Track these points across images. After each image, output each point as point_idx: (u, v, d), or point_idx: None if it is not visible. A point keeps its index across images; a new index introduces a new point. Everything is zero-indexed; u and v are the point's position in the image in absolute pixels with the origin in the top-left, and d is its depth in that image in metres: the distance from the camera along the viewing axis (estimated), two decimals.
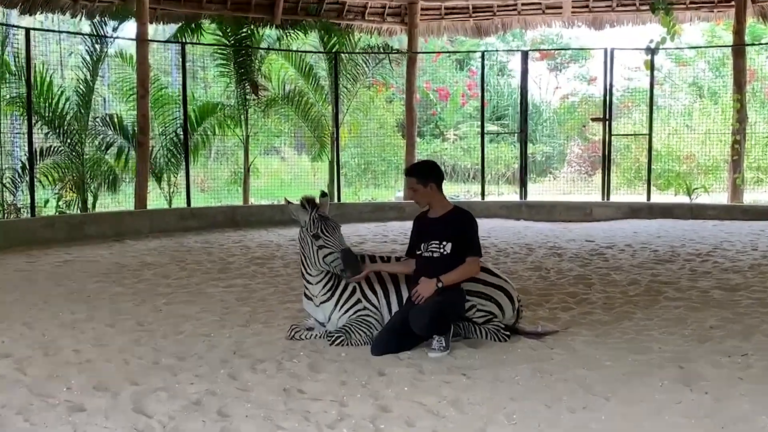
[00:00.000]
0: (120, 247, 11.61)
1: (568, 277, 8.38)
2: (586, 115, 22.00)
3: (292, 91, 17.16)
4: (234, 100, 16.43)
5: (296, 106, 17.08)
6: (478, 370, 4.75)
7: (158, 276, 8.82)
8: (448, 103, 26.14)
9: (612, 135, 16.79)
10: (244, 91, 16.27)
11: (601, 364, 4.83)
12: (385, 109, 22.04)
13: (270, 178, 18.00)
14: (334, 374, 4.69)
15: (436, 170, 5.40)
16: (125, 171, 15.48)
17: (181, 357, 5.15)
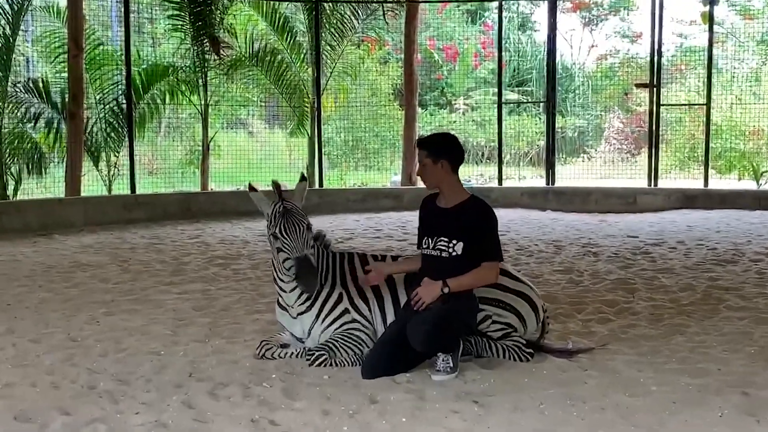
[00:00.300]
0: (47, 244, 11.58)
1: (606, 282, 8.39)
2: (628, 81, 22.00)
3: (262, 49, 17.13)
4: (190, 60, 16.39)
5: (267, 68, 17.05)
6: (494, 397, 4.75)
7: (95, 279, 8.79)
8: (457, 64, 26.11)
9: (661, 105, 16.82)
10: (202, 49, 16.22)
11: (646, 390, 4.83)
12: (379, 72, 22.01)
13: (235, 159, 17.98)
14: (314, 402, 4.69)
15: (453, 146, 5.33)
16: (54, 149, 15.45)
17: (123, 380, 5.14)
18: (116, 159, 15.88)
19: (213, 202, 15.29)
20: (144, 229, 13.34)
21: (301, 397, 4.76)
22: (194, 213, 14.85)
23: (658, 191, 16.21)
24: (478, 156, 23.51)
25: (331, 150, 20.77)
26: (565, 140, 23.26)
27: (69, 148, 14.62)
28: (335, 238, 11.88)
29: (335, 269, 5.70)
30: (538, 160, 21.76)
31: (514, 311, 5.57)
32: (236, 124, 20.77)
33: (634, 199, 15.92)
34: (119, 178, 15.95)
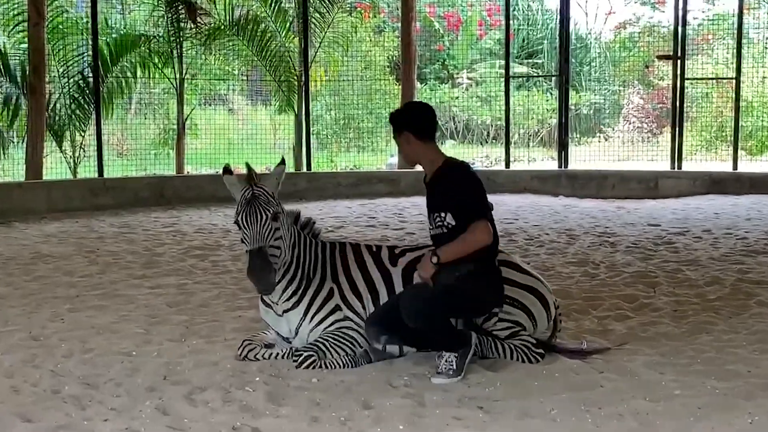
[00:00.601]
0: (6, 233, 11.56)
1: (624, 275, 8.40)
2: (650, 52, 22.01)
3: (243, 17, 17.09)
4: (163, 29, 16.34)
5: (249, 37, 17.00)
6: (500, 402, 4.76)
7: (59, 272, 8.78)
8: (460, 34, 26.07)
9: (685, 79, 16.81)
10: (176, 17, 16.17)
11: (668, 394, 4.84)
12: (373, 42, 21.98)
13: (213, 139, 17.98)
14: (302, 407, 4.69)
15: (413, 115, 5.44)
16: (13, 127, 15.40)
17: (91, 383, 5.14)
18: (82, 139, 15.86)
19: (189, 186, 15.27)
20: (113, 216, 13.32)
21: (287, 403, 4.76)
22: (168, 199, 14.83)
23: (682, 175, 16.22)
24: (483, 136, 23.50)
25: (321, 129, 20.76)
26: (579, 118, 23.26)
27: (29, 127, 14.57)
28: (325, 226, 11.87)
29: (325, 261, 5.70)
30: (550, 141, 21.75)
31: (522, 307, 5.57)
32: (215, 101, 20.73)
33: (655, 183, 15.93)
34: (85, 160, 15.93)
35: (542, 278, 5.88)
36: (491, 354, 5.47)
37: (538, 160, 20.92)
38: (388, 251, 5.84)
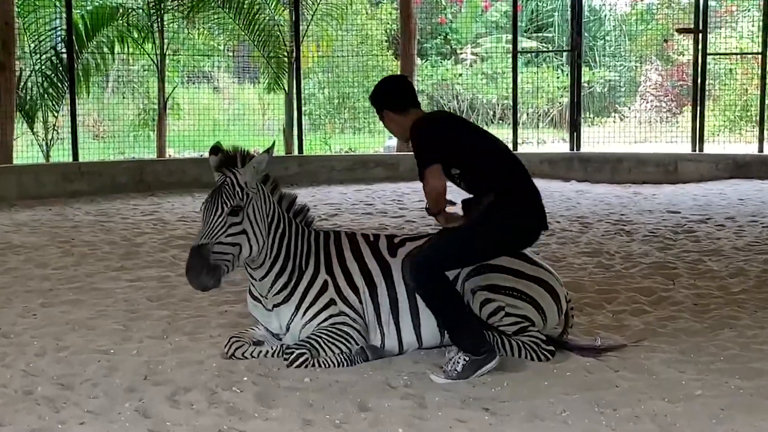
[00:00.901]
0: None
1: (641, 266, 8.41)
2: (669, 26, 21.94)
3: None
4: (143, 1, 16.30)
5: (236, 10, 16.97)
6: (507, 403, 4.77)
7: (30, 264, 8.78)
8: (464, 6, 26.04)
9: (707, 54, 16.79)
10: None
11: (689, 394, 4.85)
12: (370, 15, 21.95)
13: (197, 119, 17.93)
14: (293, 409, 4.70)
15: (385, 90, 5.64)
16: None
17: (65, 384, 5.14)
18: (55, 120, 15.82)
19: (171, 171, 15.26)
20: (89, 203, 13.31)
21: (277, 404, 4.77)
22: (149, 184, 14.82)
23: (703, 157, 16.22)
24: (489, 116, 23.49)
25: (313, 109, 20.73)
26: (592, 97, 23.23)
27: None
28: (318, 214, 11.87)
29: (318, 252, 5.70)
30: (561, 121, 21.73)
31: (531, 301, 5.58)
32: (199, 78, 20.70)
33: (674, 166, 15.93)
34: (59, 142, 15.90)
35: (552, 270, 5.88)
36: (498, 351, 5.48)
37: (548, 142, 20.91)
38: (386, 241, 5.84)
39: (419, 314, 5.58)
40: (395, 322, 5.60)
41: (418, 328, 5.61)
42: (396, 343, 5.61)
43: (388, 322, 5.61)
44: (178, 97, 18.08)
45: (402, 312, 5.60)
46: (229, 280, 7.81)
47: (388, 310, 5.61)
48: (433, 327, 5.59)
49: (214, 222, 5.31)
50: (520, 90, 17.74)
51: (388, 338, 5.61)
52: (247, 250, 5.38)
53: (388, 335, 5.61)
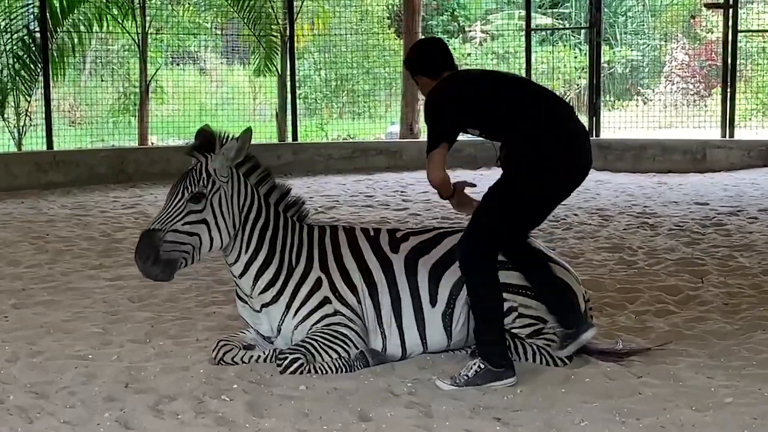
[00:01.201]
0: None
1: (667, 263, 8.39)
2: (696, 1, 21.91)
3: None
4: None
5: None
6: (521, 412, 4.76)
7: (2, 262, 8.79)
8: None
9: (738, 31, 16.75)
10: None
11: (718, 402, 4.84)
12: None
13: (182, 104, 17.94)
14: (288, 419, 4.69)
15: (422, 53, 5.69)
16: None
17: (40, 392, 5.12)
18: (28, 105, 15.80)
19: (154, 160, 15.26)
20: (65, 196, 13.30)
21: (270, 414, 4.76)
22: (130, 175, 14.82)
23: (734, 144, 16.19)
24: None
25: (309, 92, 20.73)
26: (613, 78, 23.22)
27: None
28: (314, 207, 11.87)
29: (311, 247, 5.68)
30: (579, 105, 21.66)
31: None
32: (184, 59, 20.69)
33: (702, 154, 15.92)
34: (32, 129, 15.89)
35: (570, 267, 5.88)
36: (510, 356, 5.46)
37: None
38: (388, 235, 5.83)
39: (424, 315, 5.57)
40: (397, 323, 5.59)
41: (422, 330, 5.60)
42: (398, 347, 5.60)
43: (389, 323, 5.60)
44: (161, 80, 18.07)
45: (405, 312, 5.59)
46: (217, 279, 7.83)
47: (389, 311, 5.60)
48: (439, 328, 5.59)
49: (172, 208, 5.31)
50: (534, 71, 17.70)
51: (389, 341, 5.60)
52: (208, 242, 5.37)
53: (389, 338, 5.60)
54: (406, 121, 18.25)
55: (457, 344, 5.66)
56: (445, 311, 5.61)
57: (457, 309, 5.61)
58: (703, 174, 15.20)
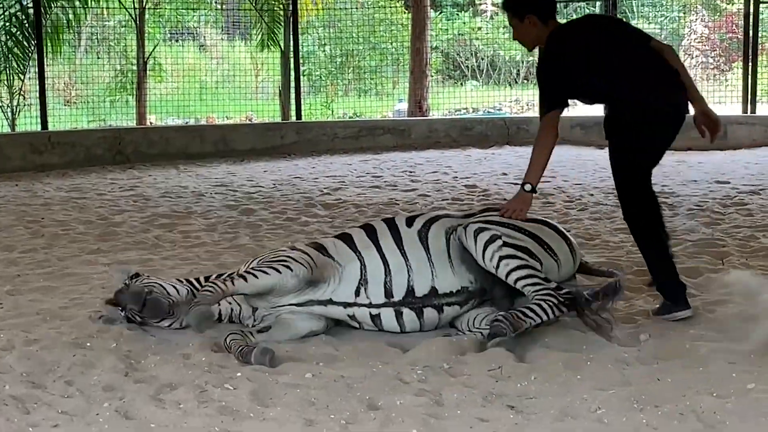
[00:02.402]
0: None
1: (686, 244, 8.39)
2: None
3: None
4: None
5: None
6: (535, 400, 4.76)
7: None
8: None
9: (761, 2, 16.67)
10: None
11: (740, 389, 4.83)
12: None
13: (182, 82, 17.93)
14: (294, 408, 4.69)
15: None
16: None
17: (36, 382, 5.14)
18: (21, 83, 15.80)
19: (152, 141, 15.25)
20: (60, 178, 13.31)
21: (275, 403, 4.77)
22: (128, 156, 14.82)
23: (756, 120, 16.15)
24: (512, 75, 23.41)
25: (313, 69, 20.69)
26: None
27: None
28: (319, 188, 11.88)
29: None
30: None
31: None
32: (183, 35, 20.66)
33: (724, 131, 15.82)
34: (26, 109, 15.89)
35: (574, 241, 6.20)
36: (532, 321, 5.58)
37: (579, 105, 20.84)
38: (397, 218, 6.11)
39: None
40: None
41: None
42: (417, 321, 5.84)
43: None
44: (159, 57, 18.04)
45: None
46: (219, 263, 7.84)
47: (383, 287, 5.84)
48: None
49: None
50: None
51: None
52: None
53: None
54: (414, 99, 18.21)
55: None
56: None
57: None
58: (724, 151, 15.16)
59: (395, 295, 5.80)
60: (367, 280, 5.83)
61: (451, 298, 5.81)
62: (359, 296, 5.83)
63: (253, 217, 10.25)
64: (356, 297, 5.84)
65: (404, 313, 5.81)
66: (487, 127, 16.63)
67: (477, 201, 11.15)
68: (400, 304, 5.80)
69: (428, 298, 5.80)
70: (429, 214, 6.19)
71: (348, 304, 5.86)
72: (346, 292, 5.85)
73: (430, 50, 19.22)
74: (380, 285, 5.81)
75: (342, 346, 5.68)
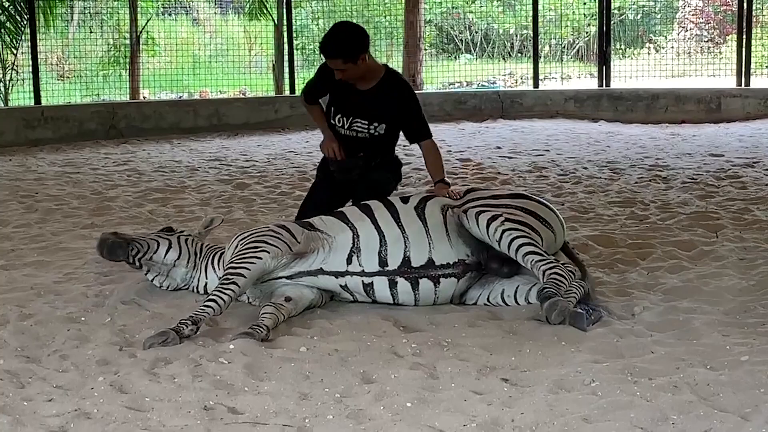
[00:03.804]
0: None
1: (680, 217, 8.40)
2: None
3: None
4: None
5: None
6: (529, 373, 4.78)
7: None
8: None
9: None
10: None
11: (734, 361, 4.84)
12: None
13: (175, 56, 17.89)
14: (288, 382, 4.71)
15: (360, 36, 6.41)
16: None
17: (31, 357, 5.15)
18: (14, 58, 15.75)
19: (146, 115, 15.21)
20: (53, 153, 13.29)
21: (270, 377, 4.79)
22: (121, 130, 14.79)
23: (750, 93, 16.14)
24: (506, 49, 23.35)
25: (306, 43, 20.63)
26: (624, 25, 23.08)
27: None
28: (312, 162, 11.86)
29: None
30: (588, 53, 21.65)
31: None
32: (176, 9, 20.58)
33: (717, 103, 15.87)
34: (19, 83, 15.85)
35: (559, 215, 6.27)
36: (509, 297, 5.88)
37: (573, 78, 20.83)
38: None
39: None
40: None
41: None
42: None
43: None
44: (152, 31, 17.99)
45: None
46: (213, 237, 7.83)
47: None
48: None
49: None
50: (541, 18, 17.62)
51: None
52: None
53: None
54: (408, 72, 18.16)
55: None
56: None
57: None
58: (718, 124, 15.15)
59: (390, 264, 5.82)
60: (360, 248, 5.87)
61: (448, 269, 5.82)
62: (351, 264, 5.87)
63: (247, 192, 10.25)
64: (348, 265, 5.87)
65: (399, 283, 5.83)
66: (481, 100, 16.61)
67: (471, 175, 11.15)
68: (395, 273, 5.82)
69: (425, 268, 5.81)
70: (421, 194, 6.34)
71: (339, 273, 5.89)
72: (336, 260, 5.89)
73: (424, 23, 19.19)
74: (374, 253, 5.84)
75: (336, 320, 5.68)
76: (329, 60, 6.39)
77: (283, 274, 5.89)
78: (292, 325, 5.58)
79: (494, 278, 5.95)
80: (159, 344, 5.19)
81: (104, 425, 4.25)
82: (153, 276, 6.26)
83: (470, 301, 5.96)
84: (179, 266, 6.24)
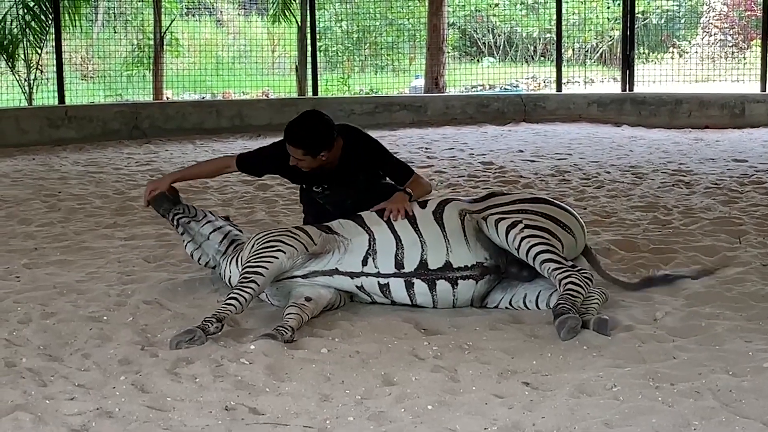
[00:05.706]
0: None
1: (703, 222, 8.36)
2: None
3: None
4: None
5: None
6: (550, 377, 4.77)
7: (13, 220, 8.83)
8: None
9: None
10: None
11: (757, 367, 4.82)
12: None
13: (199, 57, 17.93)
14: (309, 383, 4.71)
15: (329, 132, 6.29)
16: None
17: (53, 355, 5.17)
18: (39, 58, 15.80)
19: (169, 115, 15.26)
20: (77, 152, 13.33)
21: (291, 378, 4.79)
22: (144, 131, 14.84)
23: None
24: (529, 52, 23.33)
25: (329, 44, 20.65)
26: (647, 29, 23.01)
27: None
28: None
29: None
30: (611, 58, 21.59)
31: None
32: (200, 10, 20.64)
33: (741, 109, 15.81)
34: (43, 83, 15.91)
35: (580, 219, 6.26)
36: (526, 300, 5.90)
37: (596, 82, 20.77)
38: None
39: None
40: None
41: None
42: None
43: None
44: (176, 32, 18.04)
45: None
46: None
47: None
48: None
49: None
50: (564, 22, 17.59)
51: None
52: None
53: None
54: (431, 75, 18.16)
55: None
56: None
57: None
58: (742, 130, 15.09)
59: (406, 266, 5.84)
60: (376, 251, 5.89)
61: (466, 272, 5.82)
62: (366, 266, 5.89)
63: (269, 193, 10.26)
64: (363, 266, 5.89)
65: (415, 284, 5.83)
66: (504, 103, 16.60)
67: (493, 178, 11.14)
68: (411, 275, 5.83)
69: (442, 270, 5.82)
70: (439, 198, 6.33)
71: (355, 274, 5.90)
72: (352, 261, 5.91)
73: (447, 26, 19.17)
74: (390, 256, 5.86)
75: (358, 322, 5.69)
76: (290, 146, 6.21)
77: (298, 273, 5.91)
78: (314, 327, 5.58)
79: (516, 282, 5.96)
80: (186, 342, 5.21)
81: (125, 424, 4.27)
82: (186, 242, 6.49)
83: (492, 305, 5.96)
84: (213, 240, 6.42)
